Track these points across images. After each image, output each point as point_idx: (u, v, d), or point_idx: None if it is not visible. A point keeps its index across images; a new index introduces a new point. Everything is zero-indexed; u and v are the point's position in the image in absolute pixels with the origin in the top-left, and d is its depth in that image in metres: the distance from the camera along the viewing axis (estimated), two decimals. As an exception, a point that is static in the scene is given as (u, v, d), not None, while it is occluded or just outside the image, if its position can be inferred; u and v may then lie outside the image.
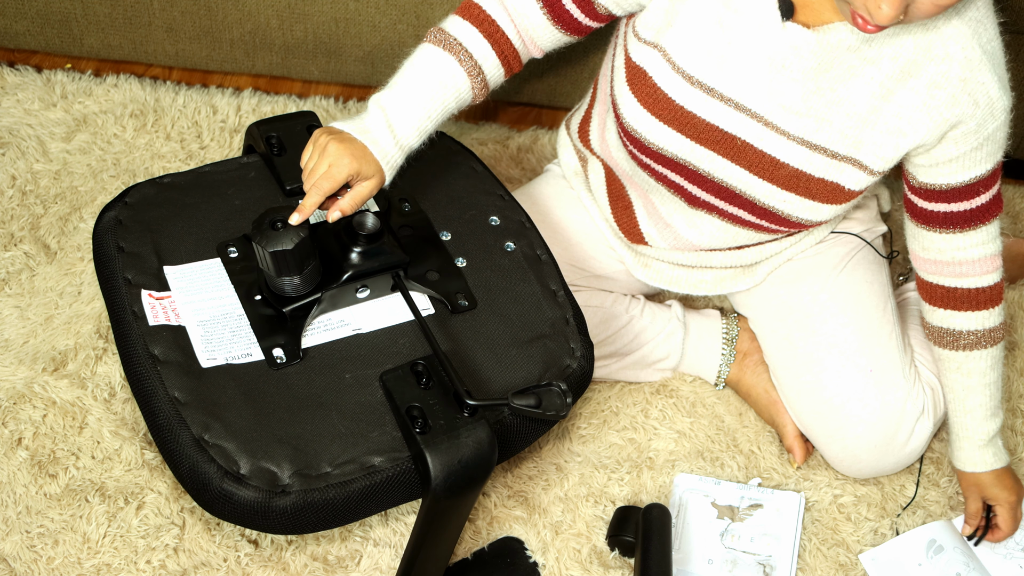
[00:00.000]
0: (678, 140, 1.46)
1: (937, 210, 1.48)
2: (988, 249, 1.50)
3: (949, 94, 1.36)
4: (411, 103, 1.40)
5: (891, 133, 1.40)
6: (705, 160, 1.47)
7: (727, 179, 1.48)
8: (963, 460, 1.61)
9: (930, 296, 1.56)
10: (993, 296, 1.53)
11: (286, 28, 2.05)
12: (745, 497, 1.67)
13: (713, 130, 1.43)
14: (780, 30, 1.35)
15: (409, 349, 1.35)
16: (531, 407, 1.26)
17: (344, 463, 1.25)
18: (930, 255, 1.52)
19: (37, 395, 1.67)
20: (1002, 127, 1.40)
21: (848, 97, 1.38)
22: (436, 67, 1.42)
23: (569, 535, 1.61)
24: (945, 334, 1.56)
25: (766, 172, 1.46)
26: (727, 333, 1.77)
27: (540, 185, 1.75)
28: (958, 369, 1.57)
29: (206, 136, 2.02)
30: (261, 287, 1.35)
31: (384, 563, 1.57)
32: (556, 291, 1.44)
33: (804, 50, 1.35)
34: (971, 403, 1.57)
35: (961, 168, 1.43)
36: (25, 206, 1.90)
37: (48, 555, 1.54)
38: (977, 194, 1.45)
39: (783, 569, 1.60)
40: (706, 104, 1.42)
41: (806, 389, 1.64)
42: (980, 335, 1.54)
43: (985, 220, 1.47)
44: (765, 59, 1.37)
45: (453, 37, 1.44)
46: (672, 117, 1.44)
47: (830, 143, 1.42)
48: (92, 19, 2.07)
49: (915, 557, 1.62)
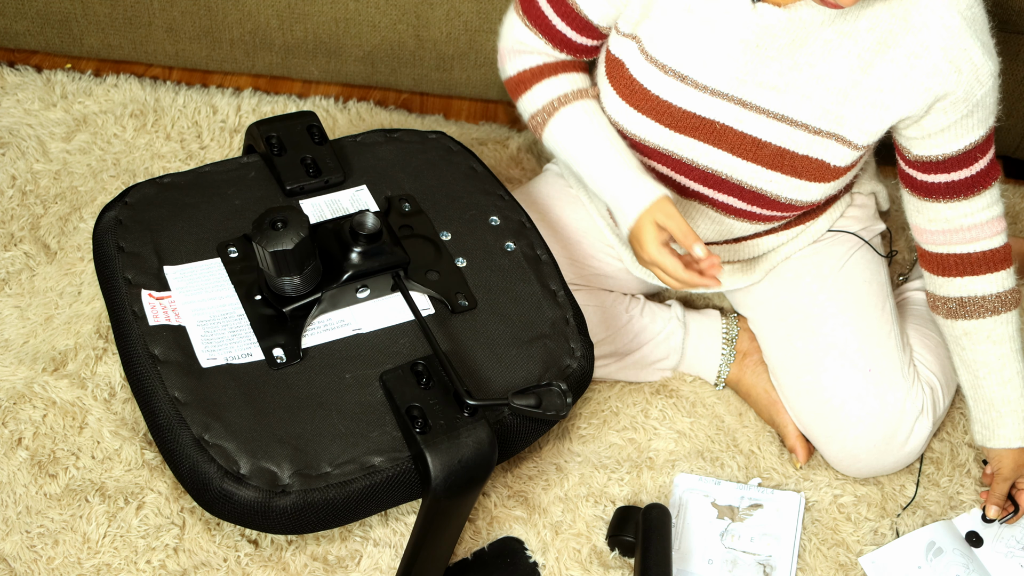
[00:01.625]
0: (657, 130, 1.47)
1: (938, 181, 1.47)
2: (994, 211, 1.50)
3: (930, 64, 1.35)
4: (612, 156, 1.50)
5: (874, 106, 1.40)
6: (686, 148, 1.48)
7: (711, 165, 1.49)
8: (1007, 437, 1.55)
9: (943, 267, 1.54)
10: (1006, 256, 1.52)
11: (286, 28, 2.05)
12: (745, 497, 1.67)
13: (691, 117, 1.44)
14: (750, 11, 1.34)
15: (409, 349, 1.35)
16: (531, 407, 1.26)
17: (344, 463, 1.25)
18: (937, 226, 1.51)
19: (37, 395, 1.67)
20: (991, 92, 1.39)
21: (827, 72, 1.37)
22: (579, 121, 1.52)
23: (569, 535, 1.61)
24: (968, 303, 1.53)
25: (748, 153, 1.46)
26: (727, 333, 1.77)
27: (539, 185, 1.75)
28: (988, 338, 1.53)
29: (206, 136, 2.02)
30: (261, 287, 1.35)
31: (384, 563, 1.57)
32: (556, 291, 1.44)
33: (777, 28, 1.35)
34: (1008, 372, 1.53)
35: (954, 137, 1.42)
36: (25, 206, 1.90)
37: (48, 555, 1.54)
38: (975, 160, 1.45)
39: (783, 569, 1.60)
40: (680, 92, 1.42)
41: (805, 389, 1.64)
42: (1003, 297, 1.52)
43: (987, 184, 1.47)
44: (738, 41, 1.37)
45: (551, 99, 1.53)
46: (649, 107, 1.45)
47: (812, 119, 1.41)
48: (92, 19, 2.07)
49: (914, 560, 1.62)
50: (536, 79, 1.55)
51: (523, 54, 1.56)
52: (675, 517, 1.64)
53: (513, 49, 1.56)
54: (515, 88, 1.58)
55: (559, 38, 1.51)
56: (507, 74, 1.58)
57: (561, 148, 1.54)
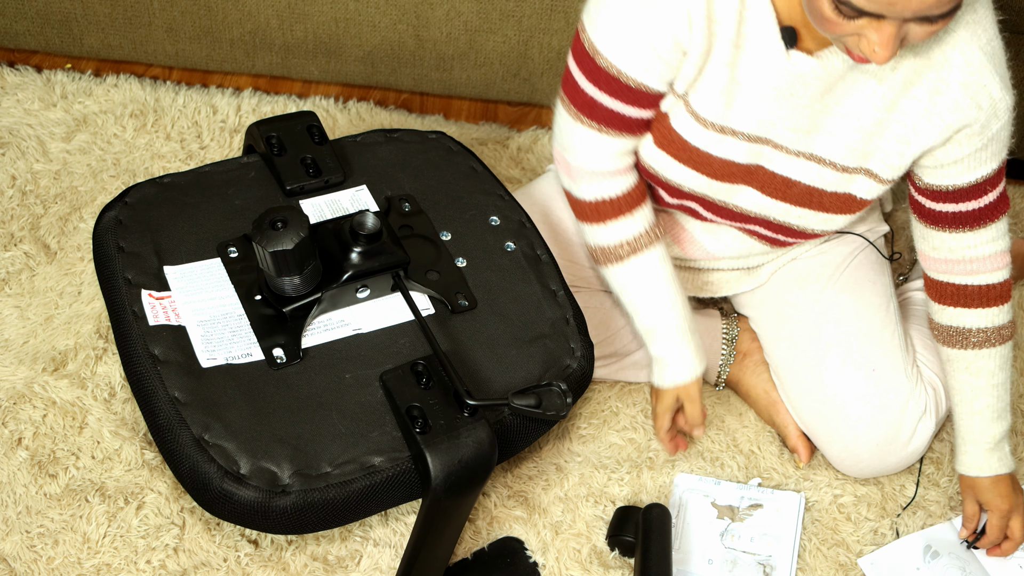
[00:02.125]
0: (693, 176, 1.48)
1: (945, 210, 1.48)
2: (998, 246, 1.50)
3: (951, 99, 1.36)
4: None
5: (898, 141, 1.41)
6: (721, 191, 1.50)
7: (741, 204, 1.51)
8: (967, 464, 1.59)
9: (940, 295, 1.55)
10: (1003, 292, 1.53)
11: (286, 28, 2.05)
12: (745, 497, 1.67)
13: (728, 165, 1.45)
14: (785, 60, 1.35)
15: (409, 349, 1.35)
16: (531, 407, 1.26)
17: (344, 463, 1.25)
18: (940, 254, 1.52)
19: (37, 395, 1.67)
20: (1006, 126, 1.40)
21: (853, 111, 1.39)
22: (647, 274, 1.55)
23: (569, 535, 1.61)
24: (955, 333, 1.55)
25: (779, 192, 1.47)
26: (727, 333, 1.77)
27: (540, 185, 1.75)
28: (967, 369, 1.55)
29: (206, 136, 2.02)
30: (261, 287, 1.35)
31: (384, 563, 1.57)
32: (556, 291, 1.44)
33: (810, 76, 1.36)
34: (979, 404, 1.56)
35: (967, 169, 1.43)
36: (25, 206, 1.90)
37: (48, 555, 1.54)
38: (984, 193, 1.45)
39: (783, 569, 1.60)
40: (719, 143, 1.43)
41: (808, 389, 1.64)
42: (990, 333, 1.53)
43: (994, 218, 1.48)
44: (772, 89, 1.37)
45: (623, 242, 1.53)
46: (688, 157, 1.46)
47: (839, 157, 1.43)
48: (92, 19, 2.07)
49: (913, 561, 1.62)
50: (609, 215, 1.52)
51: (596, 176, 1.49)
52: (675, 517, 1.64)
53: (572, 153, 1.49)
54: (582, 211, 1.54)
55: (618, 121, 1.45)
56: (579, 196, 1.53)
57: (621, 290, 1.57)
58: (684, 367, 1.59)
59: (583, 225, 1.56)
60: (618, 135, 1.46)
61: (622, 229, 1.53)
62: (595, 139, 1.46)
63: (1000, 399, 1.57)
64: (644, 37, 1.35)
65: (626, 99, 1.42)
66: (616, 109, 1.43)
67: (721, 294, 1.72)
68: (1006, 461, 1.58)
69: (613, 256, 1.55)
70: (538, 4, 1.99)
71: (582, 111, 1.45)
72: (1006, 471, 1.58)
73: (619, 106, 1.43)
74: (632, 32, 1.36)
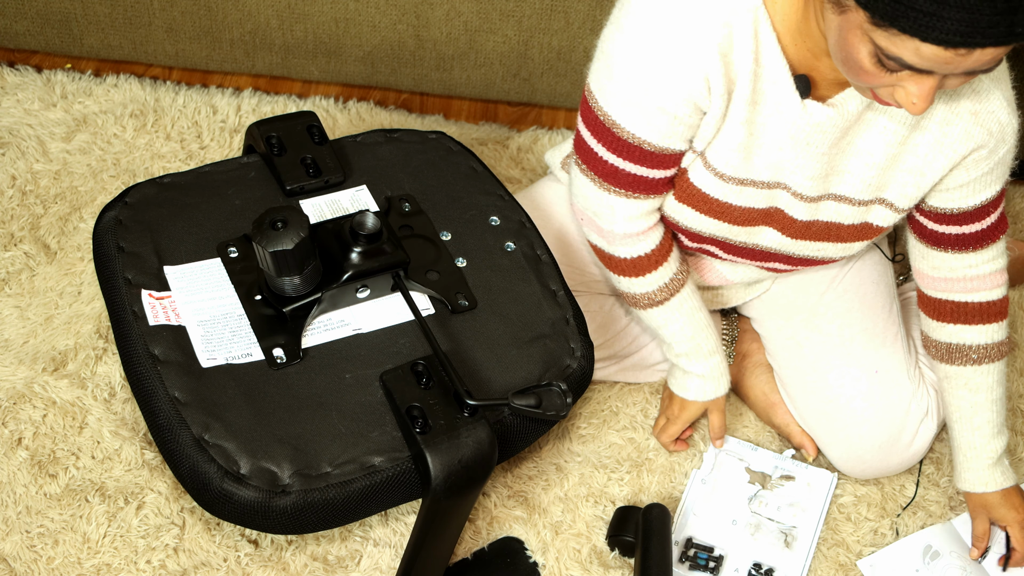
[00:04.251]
0: (715, 224, 1.48)
1: (949, 232, 1.48)
2: (997, 264, 1.51)
3: (961, 129, 1.35)
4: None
5: (911, 173, 1.40)
6: (742, 234, 1.50)
7: (762, 242, 1.51)
8: (971, 481, 1.58)
9: (938, 313, 1.55)
10: (1002, 309, 1.54)
11: (286, 28, 2.05)
12: (779, 467, 1.68)
13: (748, 211, 1.45)
14: (801, 110, 1.32)
15: (409, 349, 1.35)
16: (531, 407, 1.26)
17: (344, 463, 1.25)
18: (941, 273, 1.52)
19: (37, 395, 1.67)
20: (1011, 150, 1.40)
21: (867, 148, 1.37)
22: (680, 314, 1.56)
23: (569, 535, 1.61)
24: (954, 350, 1.55)
25: (799, 232, 1.48)
26: (727, 334, 1.77)
27: (541, 188, 1.74)
28: (966, 385, 1.55)
29: (206, 136, 2.02)
30: (261, 287, 1.35)
31: (384, 563, 1.57)
32: (556, 291, 1.44)
33: (827, 125, 1.34)
34: (979, 420, 1.56)
35: (972, 192, 1.43)
36: (25, 206, 1.90)
37: (48, 555, 1.54)
38: (987, 215, 1.46)
39: (804, 540, 1.61)
40: (739, 193, 1.42)
41: (811, 389, 1.64)
42: (990, 348, 1.54)
43: (995, 238, 1.49)
44: (789, 139, 1.35)
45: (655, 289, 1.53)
46: (707, 208, 1.45)
47: (855, 192, 1.42)
48: (92, 19, 2.07)
49: (912, 563, 1.62)
50: (648, 268, 1.52)
51: (630, 237, 1.48)
52: (708, 473, 1.67)
53: (603, 219, 1.47)
54: (619, 267, 1.53)
55: (644, 184, 1.43)
56: (615, 254, 1.51)
57: (660, 326, 1.58)
58: (721, 382, 1.61)
59: (619, 278, 1.54)
60: (646, 197, 1.44)
61: (660, 277, 1.53)
62: (624, 204, 1.44)
63: (999, 414, 1.57)
64: (663, 105, 1.32)
65: (650, 163, 1.40)
66: (641, 174, 1.41)
67: (729, 306, 1.72)
68: (1009, 474, 1.58)
69: (651, 301, 1.55)
70: (538, 4, 1.99)
71: (606, 180, 1.42)
72: (1011, 484, 1.58)
73: (644, 171, 1.40)
74: (650, 102, 1.32)
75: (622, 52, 1.31)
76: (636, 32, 1.30)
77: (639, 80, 1.31)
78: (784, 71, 1.30)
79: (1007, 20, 1.05)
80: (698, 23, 1.26)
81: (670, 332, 1.58)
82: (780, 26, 1.27)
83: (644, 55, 1.30)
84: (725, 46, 1.27)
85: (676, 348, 1.59)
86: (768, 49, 1.28)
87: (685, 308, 1.56)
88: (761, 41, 1.27)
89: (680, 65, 1.28)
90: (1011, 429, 1.77)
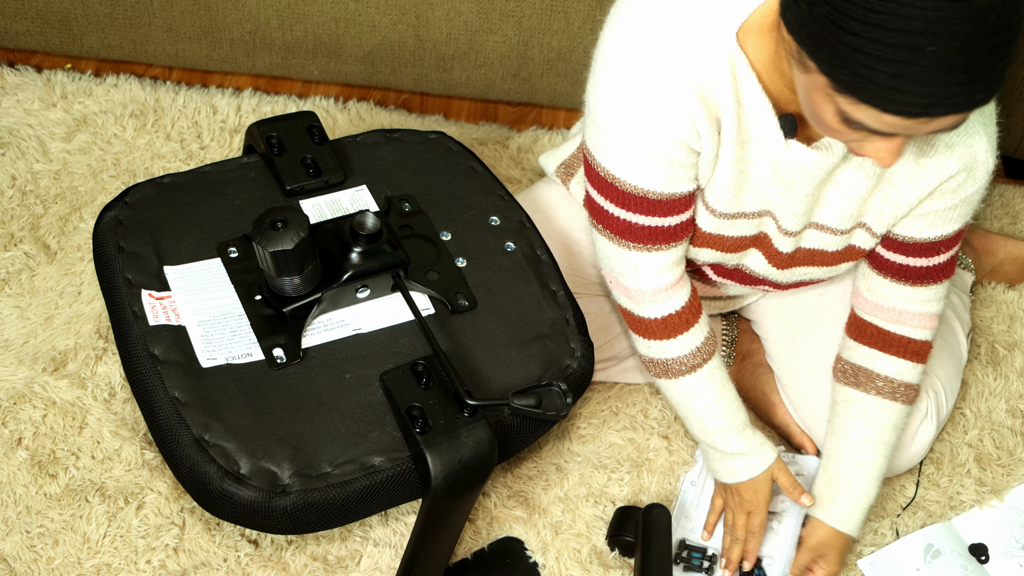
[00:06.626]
0: (707, 253, 1.48)
1: (894, 260, 1.46)
2: (932, 307, 1.49)
3: (936, 161, 1.34)
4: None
5: (886, 201, 1.39)
6: (734, 259, 1.50)
7: (750, 265, 1.51)
8: (839, 518, 1.53)
9: (859, 333, 1.53)
10: (921, 351, 1.51)
11: (286, 28, 2.06)
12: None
13: (740, 240, 1.45)
14: (785, 150, 1.31)
15: (409, 349, 1.35)
16: (531, 407, 1.26)
17: (344, 463, 1.25)
18: (874, 297, 1.51)
19: (37, 395, 1.67)
20: (980, 191, 1.38)
21: (847, 181, 1.36)
22: (707, 387, 1.51)
23: (569, 535, 1.61)
24: (860, 372, 1.52)
25: (783, 262, 1.48)
26: (727, 335, 1.77)
27: (541, 190, 1.74)
28: (862, 415, 1.52)
29: (206, 136, 2.03)
30: (261, 287, 1.35)
31: (384, 563, 1.57)
32: (556, 291, 1.44)
33: (810, 168, 1.33)
34: (865, 457, 1.52)
35: (930, 224, 1.41)
36: (25, 206, 1.90)
37: (48, 555, 1.54)
38: (937, 253, 1.44)
39: (791, 519, 1.61)
40: (731, 225, 1.42)
41: (811, 391, 1.64)
42: (895, 385, 1.51)
43: (937, 280, 1.47)
44: (774, 176, 1.35)
45: (679, 357, 1.48)
46: (704, 241, 1.45)
47: (836, 223, 1.42)
48: (92, 19, 2.07)
49: (913, 562, 1.62)
50: (680, 329, 1.47)
51: (659, 293, 1.45)
52: (698, 475, 1.66)
53: (629, 278, 1.45)
54: (649, 329, 1.49)
55: (661, 234, 1.40)
56: (645, 316, 1.47)
57: (693, 398, 1.51)
58: (765, 449, 1.54)
59: (649, 343, 1.49)
60: (667, 247, 1.41)
61: (692, 339, 1.48)
62: (647, 259, 1.42)
63: (884, 462, 1.53)
64: (655, 152, 1.31)
65: (660, 212, 1.38)
66: (654, 224, 1.39)
67: (727, 311, 1.72)
68: (858, 528, 1.55)
69: (683, 368, 1.49)
70: (538, 4, 1.99)
71: (623, 236, 1.40)
72: (856, 535, 1.56)
73: (656, 220, 1.38)
74: (642, 150, 1.31)
75: (605, 105, 1.31)
76: (613, 84, 1.29)
77: (626, 130, 1.31)
78: (766, 110, 1.28)
79: (967, 90, 1.04)
80: (672, 66, 1.25)
81: (702, 405, 1.51)
82: (758, 65, 1.26)
83: (625, 104, 1.29)
84: (703, 87, 1.26)
85: (710, 424, 1.51)
86: (748, 89, 1.27)
87: (717, 377, 1.51)
88: (740, 81, 1.26)
89: (661, 109, 1.27)
90: (1010, 429, 1.77)
